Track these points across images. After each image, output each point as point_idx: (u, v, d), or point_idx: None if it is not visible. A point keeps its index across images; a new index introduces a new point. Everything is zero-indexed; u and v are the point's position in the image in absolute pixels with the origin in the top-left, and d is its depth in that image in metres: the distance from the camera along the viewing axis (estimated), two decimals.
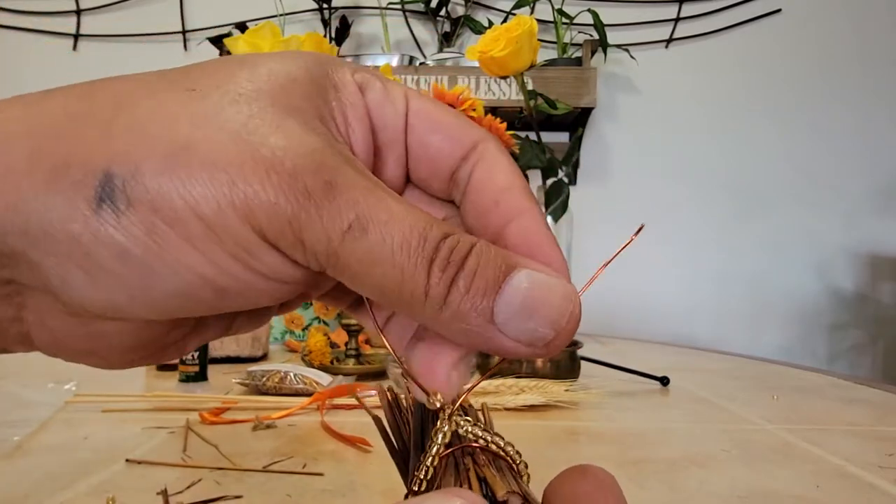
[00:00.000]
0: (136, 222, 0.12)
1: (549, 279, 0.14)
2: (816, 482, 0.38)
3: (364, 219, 0.13)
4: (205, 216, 0.12)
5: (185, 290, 0.13)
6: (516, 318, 0.14)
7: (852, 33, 1.69)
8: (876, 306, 1.70)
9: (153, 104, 0.13)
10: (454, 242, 0.14)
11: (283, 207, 0.13)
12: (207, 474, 0.37)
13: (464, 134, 0.17)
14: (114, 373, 0.70)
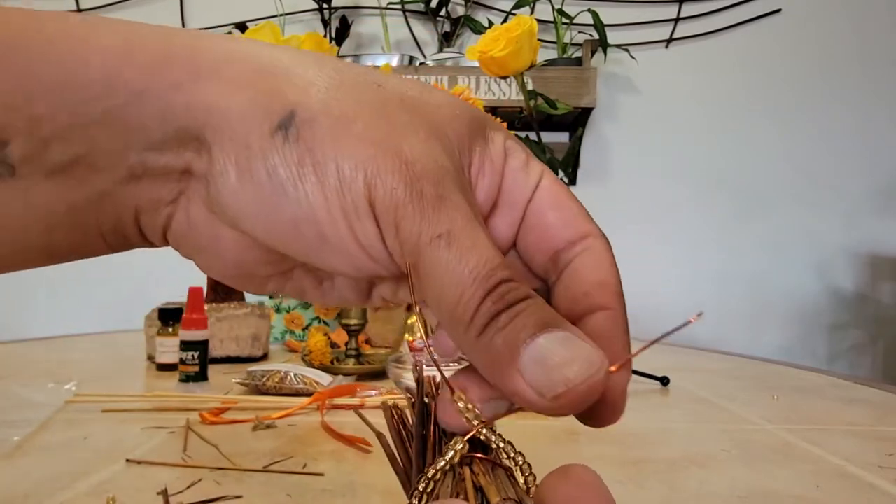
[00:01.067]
0: (294, 152, 0.15)
1: (582, 343, 0.15)
2: (816, 482, 0.38)
3: (453, 235, 0.15)
4: (342, 172, 0.15)
5: (296, 220, 0.16)
6: (537, 365, 0.14)
7: (852, 33, 1.69)
8: (876, 306, 1.70)
9: (347, 84, 0.17)
10: (514, 286, 0.15)
11: (398, 195, 0.15)
12: (207, 474, 0.37)
13: (580, 222, 0.18)
14: (114, 373, 0.70)
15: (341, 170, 0.15)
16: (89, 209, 0.16)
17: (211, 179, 0.16)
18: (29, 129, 0.15)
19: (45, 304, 1.65)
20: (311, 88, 0.16)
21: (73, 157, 0.15)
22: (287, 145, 0.15)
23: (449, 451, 0.16)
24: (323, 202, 0.16)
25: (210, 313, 0.73)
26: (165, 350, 0.69)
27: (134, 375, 0.69)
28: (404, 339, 0.88)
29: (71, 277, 1.64)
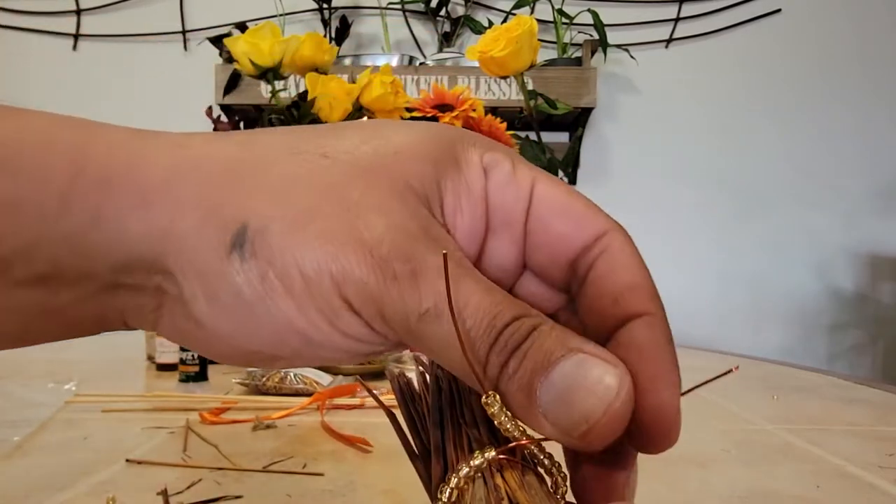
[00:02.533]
0: (254, 269, 0.15)
1: (598, 365, 0.13)
2: (816, 482, 0.38)
3: (441, 306, 0.14)
4: (307, 276, 0.15)
5: (277, 332, 0.16)
6: (556, 403, 0.13)
7: (852, 33, 1.69)
8: (876, 306, 1.70)
9: (292, 168, 0.16)
10: (517, 326, 0.14)
11: (371, 286, 0.14)
12: (207, 474, 0.37)
13: (589, 221, 0.17)
14: (114, 373, 0.70)
15: (306, 276, 0.15)
16: (68, 311, 0.16)
17: (184, 303, 0.16)
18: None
19: None
20: (259, 192, 0.15)
21: (41, 275, 0.15)
22: (245, 264, 0.15)
23: (477, 458, 0.15)
24: (297, 312, 0.15)
25: None
26: (165, 350, 0.69)
27: (134, 375, 0.69)
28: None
29: None
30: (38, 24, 1.72)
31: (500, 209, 0.17)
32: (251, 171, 0.16)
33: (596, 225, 0.16)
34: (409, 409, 0.19)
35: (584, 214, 0.17)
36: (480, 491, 0.14)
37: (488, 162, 0.17)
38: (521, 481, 0.14)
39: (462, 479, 0.15)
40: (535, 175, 0.17)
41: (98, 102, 1.71)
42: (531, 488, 0.14)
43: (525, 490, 0.14)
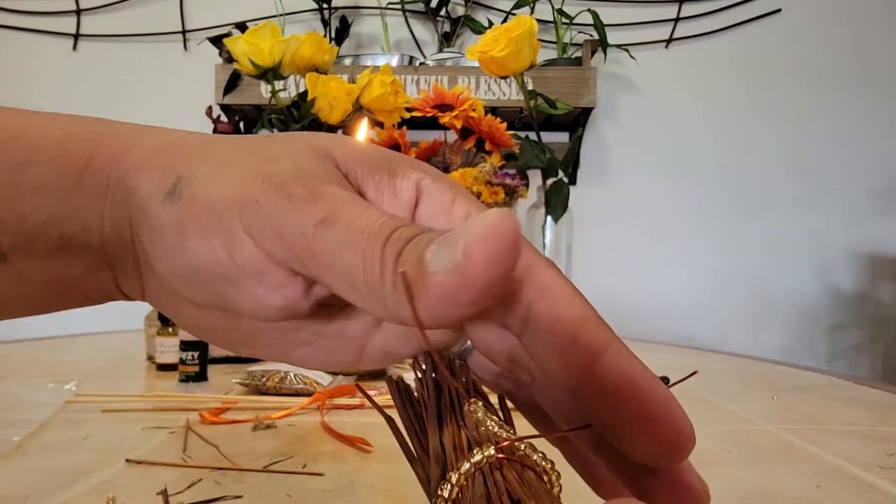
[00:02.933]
0: (177, 210, 0.16)
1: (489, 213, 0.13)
2: (816, 482, 0.38)
3: (335, 214, 0.15)
4: (214, 210, 0.16)
5: (198, 270, 0.17)
6: (444, 249, 0.13)
7: (852, 33, 1.69)
8: (876, 306, 1.70)
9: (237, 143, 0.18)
10: (410, 227, 0.14)
11: (266, 205, 0.15)
12: (207, 474, 0.37)
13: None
14: (114, 373, 0.70)
15: (213, 210, 0.16)
16: (79, 281, 0.19)
17: (149, 264, 0.18)
18: (16, 223, 0.17)
19: None
20: (202, 157, 0.17)
21: (54, 248, 0.18)
22: (173, 206, 0.16)
23: (476, 454, 0.15)
24: (203, 244, 0.16)
25: None
26: (165, 350, 0.69)
27: (134, 375, 0.69)
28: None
29: None
30: (39, 25, 1.72)
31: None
32: (207, 148, 0.18)
33: (522, 262, 0.16)
34: (408, 412, 0.19)
35: None
36: (480, 488, 0.14)
37: (426, 187, 0.18)
38: (520, 478, 0.14)
39: (462, 475, 0.15)
40: (470, 210, 0.18)
41: (98, 102, 1.71)
42: (530, 485, 0.14)
43: (525, 486, 0.14)
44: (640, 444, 0.15)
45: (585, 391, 0.15)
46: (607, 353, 0.15)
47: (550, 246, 0.79)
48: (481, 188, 0.73)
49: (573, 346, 0.15)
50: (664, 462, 0.15)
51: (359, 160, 0.18)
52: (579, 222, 0.84)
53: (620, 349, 0.15)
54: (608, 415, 0.15)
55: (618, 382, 0.15)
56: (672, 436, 0.14)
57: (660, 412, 0.14)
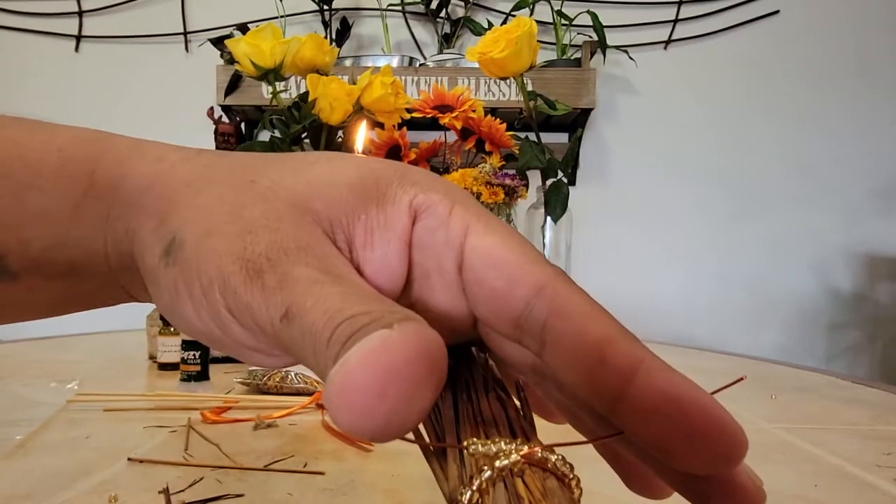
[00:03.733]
0: (172, 274, 0.16)
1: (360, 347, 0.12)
2: (815, 481, 0.38)
3: (294, 307, 0.14)
4: (202, 286, 0.16)
5: (194, 333, 0.17)
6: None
7: (851, 34, 1.69)
8: (875, 306, 1.71)
9: (223, 191, 0.17)
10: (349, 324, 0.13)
11: (242, 296, 0.15)
12: (209, 473, 0.37)
13: (525, 275, 0.15)
14: (116, 372, 0.70)
15: (202, 285, 0.16)
16: (91, 295, 0.20)
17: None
18: (20, 248, 0.18)
19: None
20: (192, 209, 0.17)
21: (63, 272, 0.18)
22: (168, 269, 0.17)
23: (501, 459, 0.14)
24: (196, 316, 0.16)
25: None
26: (167, 349, 0.69)
27: (135, 375, 0.69)
28: None
29: None
30: (41, 26, 1.72)
31: (428, 254, 0.17)
32: (196, 191, 0.17)
33: (532, 278, 0.15)
34: None
35: (517, 266, 0.15)
36: (501, 496, 0.13)
37: (420, 204, 0.17)
38: (543, 487, 0.14)
39: (484, 481, 0.14)
40: (469, 222, 0.16)
41: (100, 104, 1.71)
42: (553, 495, 0.13)
43: (548, 499, 0.13)
44: (688, 459, 0.13)
45: (621, 413, 0.14)
46: (640, 371, 0.14)
47: (550, 246, 0.79)
48: (481, 188, 0.73)
49: (601, 369, 0.14)
50: (716, 471, 0.14)
51: (341, 205, 0.17)
52: (579, 223, 0.84)
53: (654, 364, 0.14)
54: (650, 433, 0.14)
55: (656, 402, 0.13)
56: (723, 447, 0.13)
57: (707, 426, 0.13)
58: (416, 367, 0.12)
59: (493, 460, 0.14)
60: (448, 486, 0.15)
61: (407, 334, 0.12)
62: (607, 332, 0.14)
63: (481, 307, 0.16)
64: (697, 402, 0.13)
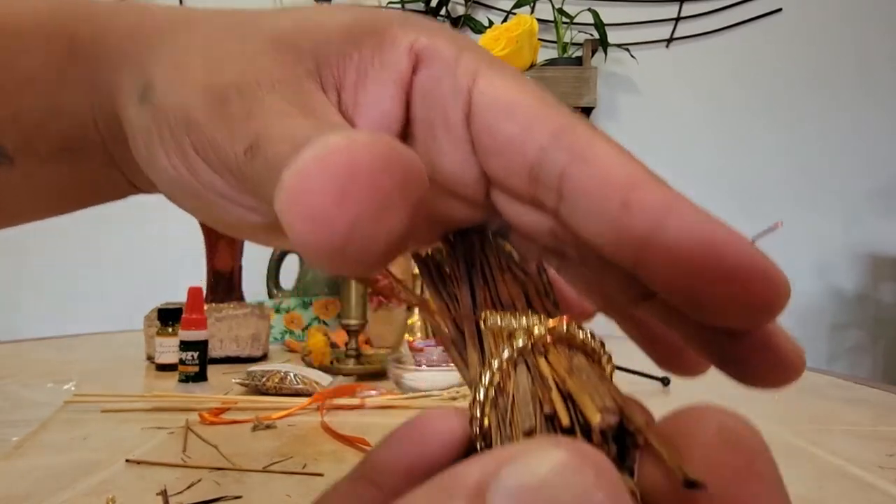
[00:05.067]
0: (147, 118, 0.15)
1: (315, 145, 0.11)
2: (817, 482, 0.38)
3: (260, 138, 0.13)
4: (171, 125, 0.15)
5: (171, 183, 0.16)
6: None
7: (852, 33, 1.69)
8: (876, 306, 1.70)
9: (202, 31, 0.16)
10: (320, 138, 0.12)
11: (204, 127, 0.14)
12: (207, 474, 0.37)
13: (542, 119, 0.13)
14: (113, 373, 0.70)
15: (171, 125, 0.15)
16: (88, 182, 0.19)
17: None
18: (14, 126, 0.17)
19: (45, 303, 1.65)
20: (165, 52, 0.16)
21: (57, 149, 0.17)
22: (142, 114, 0.15)
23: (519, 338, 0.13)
24: (164, 154, 0.15)
25: (210, 313, 0.73)
26: (165, 350, 0.69)
27: (133, 375, 0.69)
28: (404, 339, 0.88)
29: (71, 277, 1.64)
30: None
31: (434, 104, 0.15)
32: (174, 35, 0.16)
33: (549, 122, 0.13)
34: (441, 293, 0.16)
35: (531, 110, 0.14)
36: (524, 379, 0.12)
37: (423, 48, 0.15)
38: (569, 365, 0.12)
39: (504, 362, 0.12)
40: (479, 67, 0.14)
41: None
42: (581, 372, 0.12)
43: (575, 375, 0.12)
44: (722, 307, 0.12)
45: (648, 265, 0.12)
46: (670, 216, 0.12)
47: None
48: None
49: (625, 216, 0.12)
50: (753, 323, 0.13)
51: (331, 44, 0.15)
52: None
53: (685, 208, 0.12)
54: (680, 285, 0.12)
55: (687, 248, 0.12)
56: (762, 293, 0.12)
57: (745, 269, 0.12)
58: (383, 177, 0.10)
59: (513, 339, 0.13)
60: (469, 373, 0.14)
61: (376, 142, 0.11)
62: (632, 175, 0.13)
63: (493, 161, 0.14)
64: (734, 245, 0.12)
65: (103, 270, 1.61)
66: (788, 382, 0.14)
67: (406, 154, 0.11)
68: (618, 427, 0.11)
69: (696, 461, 0.10)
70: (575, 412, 0.11)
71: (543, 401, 0.11)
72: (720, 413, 0.10)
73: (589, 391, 0.11)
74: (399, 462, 0.13)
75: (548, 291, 0.16)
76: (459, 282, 0.16)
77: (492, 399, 0.12)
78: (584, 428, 0.11)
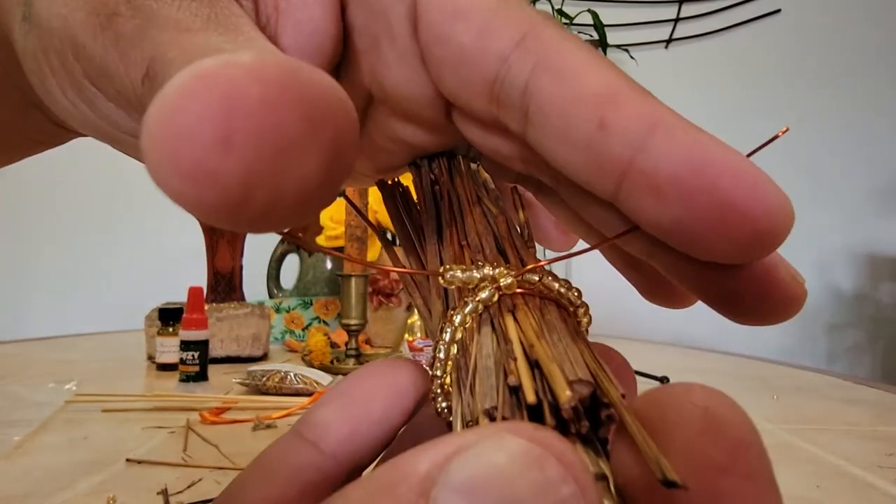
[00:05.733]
0: (30, 43, 0.12)
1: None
2: (816, 482, 0.38)
3: (155, 63, 0.10)
4: (57, 49, 0.12)
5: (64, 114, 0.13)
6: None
7: (852, 33, 1.69)
8: (875, 306, 1.70)
9: None
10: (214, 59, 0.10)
11: (93, 51, 0.11)
12: (208, 474, 0.37)
13: (501, 23, 0.11)
14: (114, 373, 0.70)
15: (57, 50, 0.12)
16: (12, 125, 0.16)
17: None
18: None
19: (45, 304, 1.65)
20: None
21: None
22: (28, 37, 0.12)
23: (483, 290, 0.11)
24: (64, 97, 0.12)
25: (210, 313, 0.73)
26: (166, 350, 0.69)
27: (134, 375, 0.69)
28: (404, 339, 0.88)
29: (71, 277, 1.64)
30: None
31: (372, 10, 0.13)
32: None
33: (507, 28, 0.11)
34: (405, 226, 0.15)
35: (489, 15, 0.11)
36: (489, 342, 0.11)
37: None
38: (539, 323, 0.11)
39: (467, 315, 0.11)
40: None
41: None
42: (553, 331, 0.11)
43: (545, 336, 0.10)
44: (716, 240, 0.11)
45: (631, 195, 0.11)
46: (654, 136, 0.10)
47: None
48: None
49: (601, 137, 0.11)
50: (750, 256, 0.11)
51: None
52: None
53: (671, 123, 0.11)
54: (667, 215, 0.11)
55: (675, 171, 0.10)
56: (762, 219, 0.11)
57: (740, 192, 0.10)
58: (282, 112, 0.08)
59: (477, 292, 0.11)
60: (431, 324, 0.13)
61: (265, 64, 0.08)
62: (609, 87, 0.11)
63: (446, 77, 0.12)
64: (731, 167, 0.10)
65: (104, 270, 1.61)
66: (788, 317, 0.12)
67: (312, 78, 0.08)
68: (591, 397, 0.09)
69: (676, 452, 0.08)
70: (542, 385, 0.10)
71: (508, 370, 0.10)
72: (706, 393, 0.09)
73: (559, 359, 0.10)
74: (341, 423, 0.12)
75: (521, 229, 0.14)
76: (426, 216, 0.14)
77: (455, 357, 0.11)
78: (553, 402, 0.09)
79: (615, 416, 0.09)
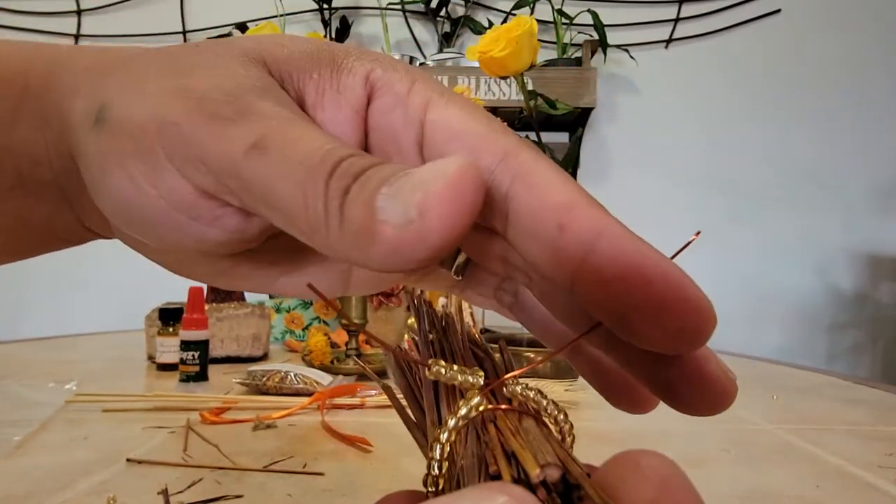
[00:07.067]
0: (101, 140, 0.15)
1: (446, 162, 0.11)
2: (816, 482, 0.38)
3: (268, 139, 0.13)
4: (135, 136, 0.14)
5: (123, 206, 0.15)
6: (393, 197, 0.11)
7: (852, 33, 1.69)
8: (875, 306, 1.70)
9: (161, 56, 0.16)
10: (358, 157, 0.13)
11: (184, 128, 0.13)
12: (208, 474, 0.37)
13: (489, 144, 0.14)
14: (114, 373, 0.70)
15: (135, 137, 0.14)
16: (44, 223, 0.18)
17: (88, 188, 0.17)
18: None
19: (46, 304, 1.65)
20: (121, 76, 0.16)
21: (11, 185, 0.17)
22: (98, 136, 0.15)
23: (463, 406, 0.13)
24: (126, 176, 0.14)
25: (210, 313, 0.74)
26: (166, 350, 0.69)
27: (134, 375, 0.69)
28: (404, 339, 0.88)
29: (71, 278, 1.64)
30: (39, 25, 1.72)
31: (388, 134, 0.16)
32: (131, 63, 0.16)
33: (494, 147, 0.14)
34: (406, 379, 0.18)
35: (478, 137, 0.14)
36: (473, 445, 0.13)
37: (378, 79, 0.16)
38: (516, 427, 0.13)
39: (452, 431, 0.13)
40: (430, 97, 0.15)
41: None
42: (528, 433, 0.13)
43: (520, 436, 0.12)
44: (651, 331, 0.13)
45: (583, 286, 0.13)
46: (602, 239, 0.13)
47: None
48: None
49: (561, 237, 0.13)
50: (682, 347, 0.13)
51: (294, 60, 0.16)
52: None
53: (617, 231, 0.13)
54: (612, 306, 0.13)
55: (618, 270, 0.13)
56: (687, 315, 0.12)
57: (672, 295, 0.12)
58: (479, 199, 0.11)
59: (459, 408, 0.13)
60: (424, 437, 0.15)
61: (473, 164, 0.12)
62: (569, 198, 0.13)
63: None
64: (662, 270, 0.12)
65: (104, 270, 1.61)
66: (720, 409, 0.14)
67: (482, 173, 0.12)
68: (563, 482, 0.11)
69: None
70: (518, 470, 0.11)
71: (489, 461, 0.12)
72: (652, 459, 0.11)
73: (532, 449, 0.12)
74: None
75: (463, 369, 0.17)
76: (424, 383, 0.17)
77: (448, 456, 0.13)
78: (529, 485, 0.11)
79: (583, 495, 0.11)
